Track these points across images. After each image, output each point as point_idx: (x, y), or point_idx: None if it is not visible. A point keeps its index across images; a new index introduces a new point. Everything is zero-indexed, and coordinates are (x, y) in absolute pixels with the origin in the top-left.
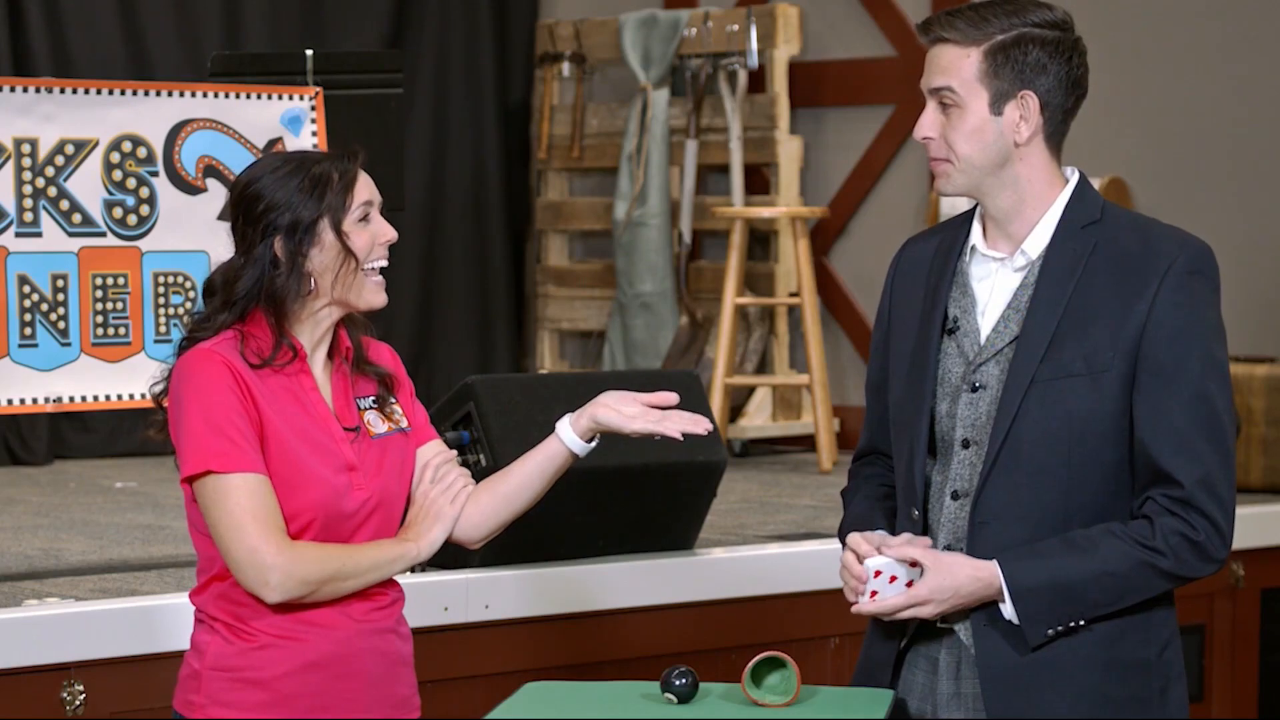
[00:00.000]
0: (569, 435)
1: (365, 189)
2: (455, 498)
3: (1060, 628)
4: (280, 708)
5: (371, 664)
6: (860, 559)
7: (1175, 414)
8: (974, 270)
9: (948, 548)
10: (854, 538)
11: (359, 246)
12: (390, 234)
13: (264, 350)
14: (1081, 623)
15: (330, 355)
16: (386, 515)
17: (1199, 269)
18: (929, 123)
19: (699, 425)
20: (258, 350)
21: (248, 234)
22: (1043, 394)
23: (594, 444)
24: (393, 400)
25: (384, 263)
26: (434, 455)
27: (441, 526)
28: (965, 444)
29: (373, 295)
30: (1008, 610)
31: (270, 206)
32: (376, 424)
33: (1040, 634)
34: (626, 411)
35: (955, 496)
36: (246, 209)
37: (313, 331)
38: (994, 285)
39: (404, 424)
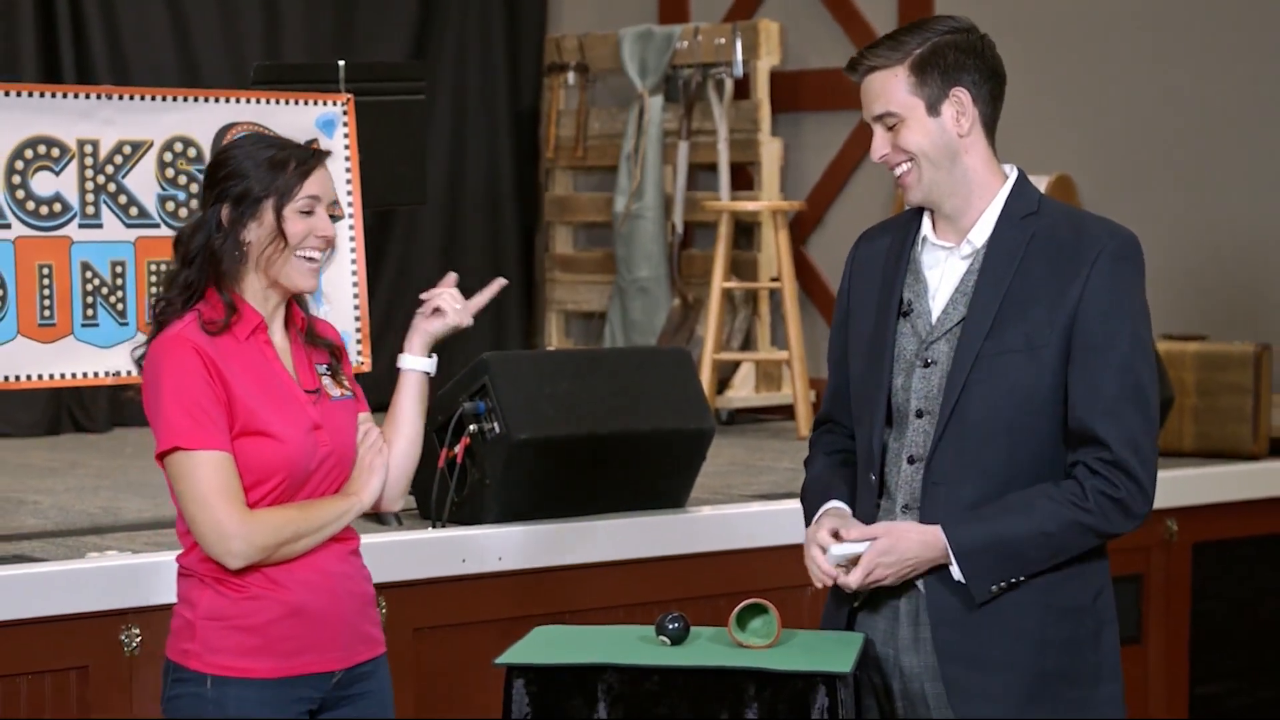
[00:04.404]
0: (418, 361)
1: (317, 184)
2: (381, 449)
3: (1003, 584)
4: (268, 651)
5: (346, 607)
6: (825, 551)
7: (1105, 382)
8: (925, 258)
9: (905, 507)
10: (816, 533)
11: (292, 232)
12: (327, 230)
13: (216, 318)
14: (1022, 578)
15: (287, 327)
16: (343, 471)
17: (1126, 255)
18: (879, 143)
19: (495, 287)
20: (211, 319)
21: (207, 195)
22: (987, 368)
23: (435, 357)
24: (341, 370)
25: (316, 254)
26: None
27: (378, 477)
28: (919, 414)
29: (300, 279)
30: (955, 572)
31: (229, 175)
32: (332, 388)
33: (985, 591)
34: (448, 314)
35: (911, 461)
36: (212, 172)
37: (263, 304)
38: (944, 271)
39: (350, 391)
